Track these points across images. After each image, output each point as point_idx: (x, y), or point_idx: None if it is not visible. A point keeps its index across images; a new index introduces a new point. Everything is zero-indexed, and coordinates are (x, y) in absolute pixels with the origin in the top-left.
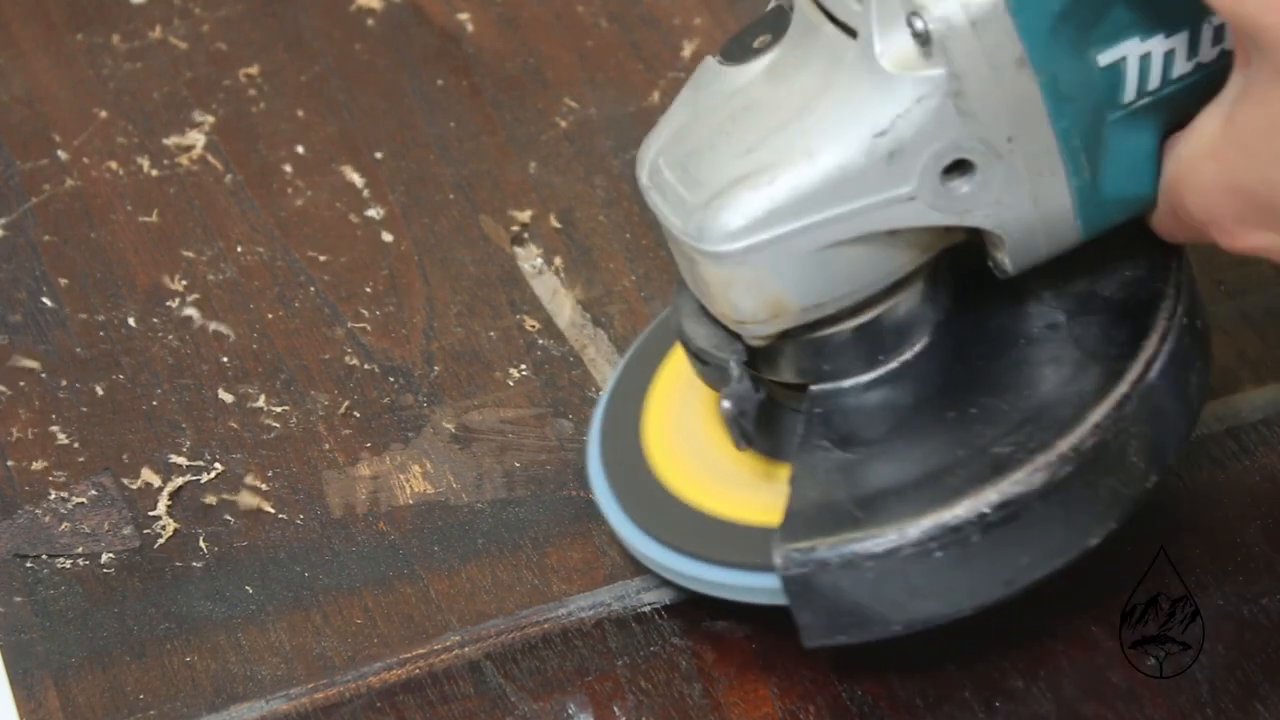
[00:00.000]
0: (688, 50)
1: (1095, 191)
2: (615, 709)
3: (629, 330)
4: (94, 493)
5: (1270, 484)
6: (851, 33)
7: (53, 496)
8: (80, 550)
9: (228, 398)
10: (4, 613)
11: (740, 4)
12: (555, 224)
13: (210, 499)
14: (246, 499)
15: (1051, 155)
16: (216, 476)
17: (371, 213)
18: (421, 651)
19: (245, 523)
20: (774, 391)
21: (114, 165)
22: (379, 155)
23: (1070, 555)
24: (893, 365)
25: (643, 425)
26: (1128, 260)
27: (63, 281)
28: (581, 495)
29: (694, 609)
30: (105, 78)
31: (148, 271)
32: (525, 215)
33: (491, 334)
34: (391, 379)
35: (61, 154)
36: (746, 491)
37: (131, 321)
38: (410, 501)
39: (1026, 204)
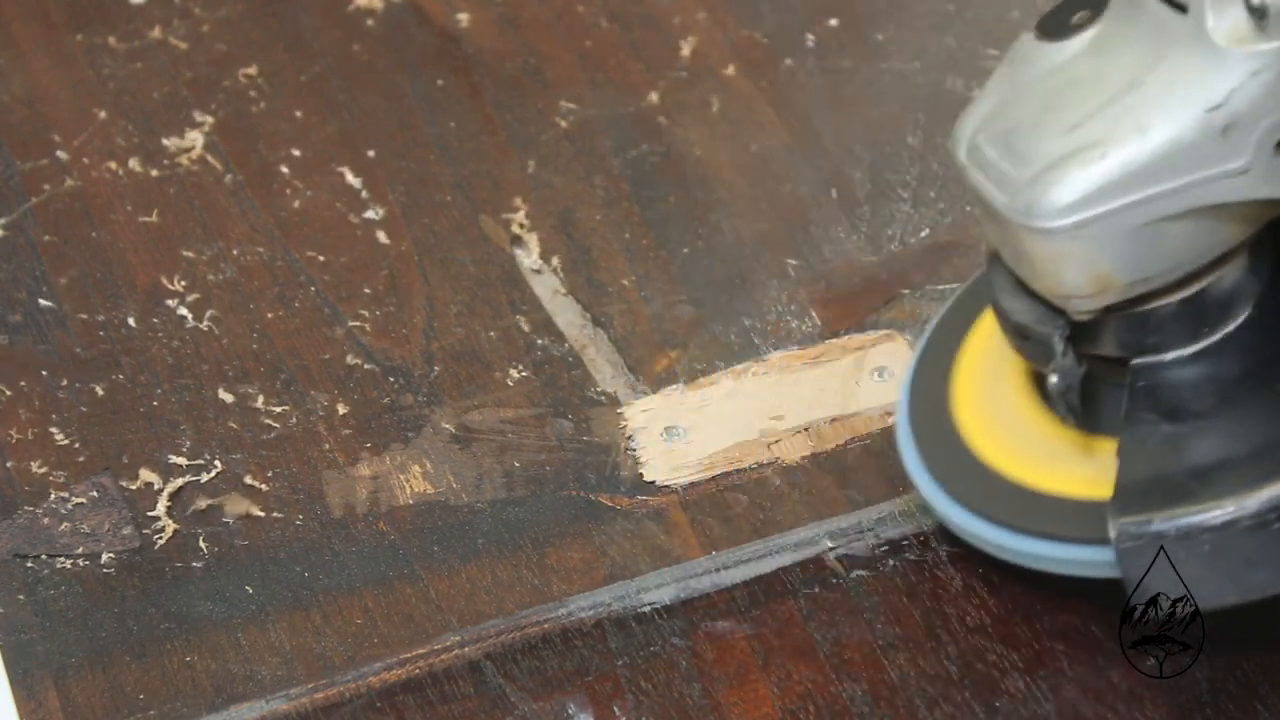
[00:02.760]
0: (687, 50)
1: None
2: (615, 709)
3: (629, 330)
4: (94, 493)
5: None
6: (1180, 8)
7: (53, 497)
8: (80, 550)
9: (228, 398)
10: (4, 613)
11: (739, 3)
12: (555, 224)
13: (210, 499)
14: (246, 499)
15: None
16: (216, 476)
17: (371, 213)
18: (421, 651)
19: (245, 523)
20: (1093, 367)
21: (114, 165)
22: (379, 155)
23: None
24: (1217, 337)
25: (952, 400)
26: None
27: (63, 281)
28: (582, 495)
29: (694, 609)
30: (105, 78)
31: (148, 271)
32: (525, 215)
33: (491, 334)
34: (391, 379)
35: (61, 154)
36: (1067, 465)
37: (131, 321)
38: (410, 501)
39: None
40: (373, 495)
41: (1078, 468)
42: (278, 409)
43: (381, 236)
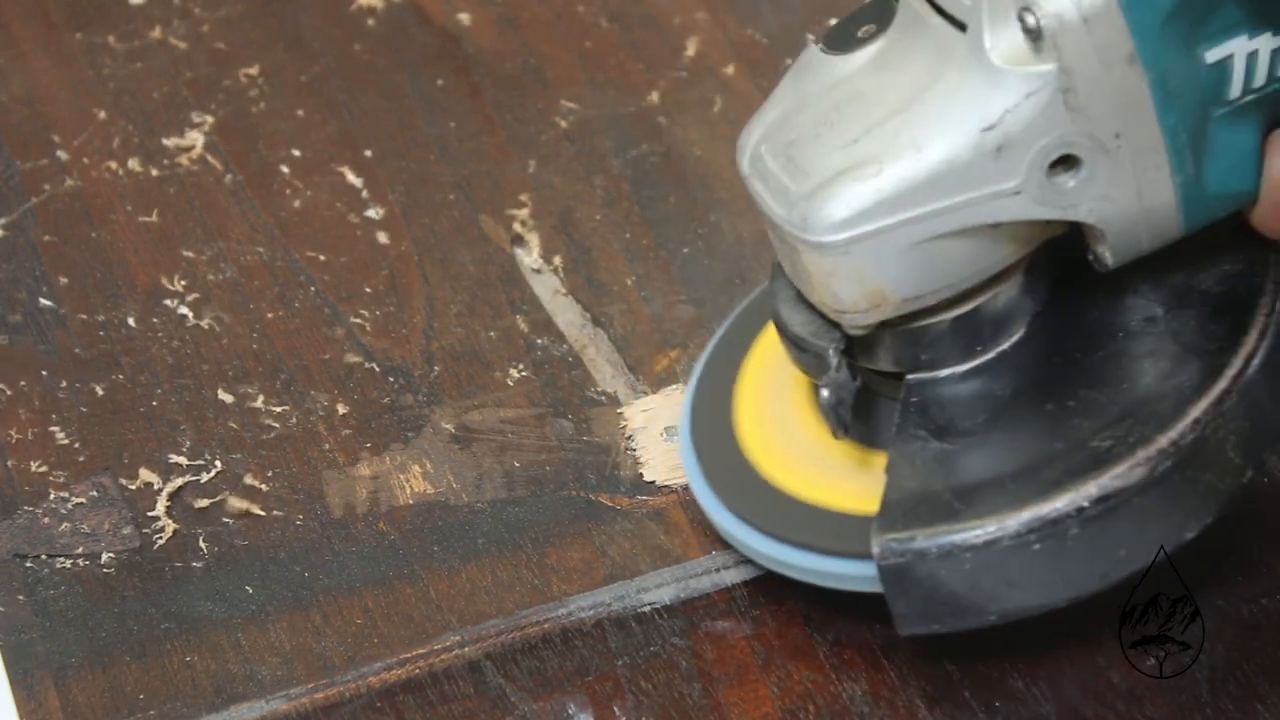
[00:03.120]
0: (688, 50)
1: (1198, 187)
2: (615, 709)
3: (629, 330)
4: (94, 493)
5: (1271, 484)
6: (960, 26)
7: (53, 496)
8: (80, 550)
9: (227, 398)
10: (4, 613)
11: (740, 3)
12: (555, 224)
13: (210, 499)
14: (246, 499)
15: (1158, 151)
16: (216, 476)
17: (371, 213)
18: (421, 651)
19: (245, 523)
20: (870, 380)
21: (114, 165)
22: (379, 155)
23: (1171, 546)
24: (990, 356)
25: (735, 410)
26: (1226, 255)
27: (63, 281)
28: (582, 495)
29: (694, 609)
30: (105, 78)
31: (148, 271)
32: (525, 215)
33: (491, 334)
34: (391, 379)
35: (61, 154)
36: (840, 478)
37: (131, 321)
38: (410, 501)
39: (1131, 199)
40: (373, 495)
41: (852, 482)
42: (278, 409)
43: (381, 236)
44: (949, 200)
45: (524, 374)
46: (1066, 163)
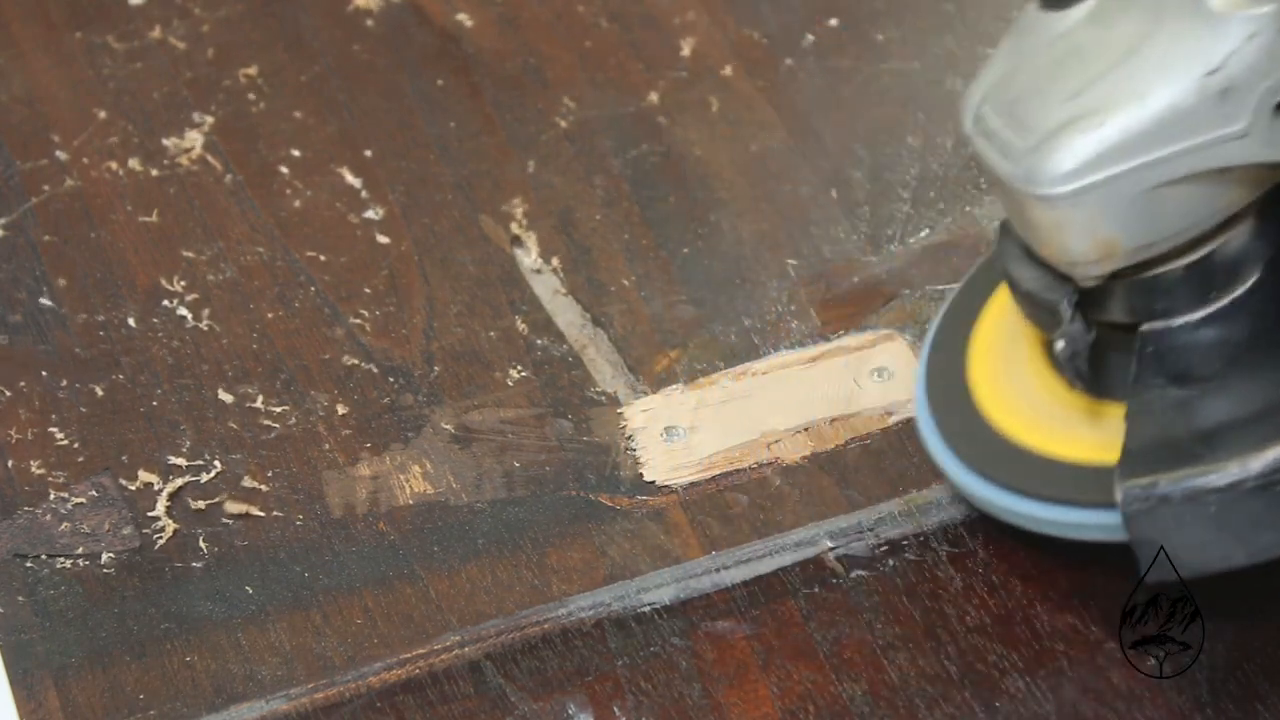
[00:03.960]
0: (687, 50)
1: None
2: (615, 709)
3: (629, 330)
4: (94, 493)
5: None
6: None
7: (52, 497)
8: (80, 550)
9: (227, 398)
10: (4, 613)
11: (740, 3)
12: (555, 224)
13: (210, 499)
14: (246, 499)
15: None
16: (216, 476)
17: (371, 213)
18: (421, 651)
19: (245, 523)
20: (1102, 333)
21: (114, 165)
22: (379, 155)
23: None
24: (1224, 302)
25: (968, 366)
26: None
27: (63, 281)
28: (582, 495)
29: (694, 609)
30: (105, 78)
31: (148, 271)
32: (525, 215)
33: (491, 334)
34: (391, 379)
35: (61, 154)
36: (1078, 431)
37: (131, 321)
38: (410, 501)
39: None
40: (373, 495)
41: (1088, 433)
42: (278, 409)
43: (381, 236)
44: (1175, 147)
45: (524, 374)
46: None
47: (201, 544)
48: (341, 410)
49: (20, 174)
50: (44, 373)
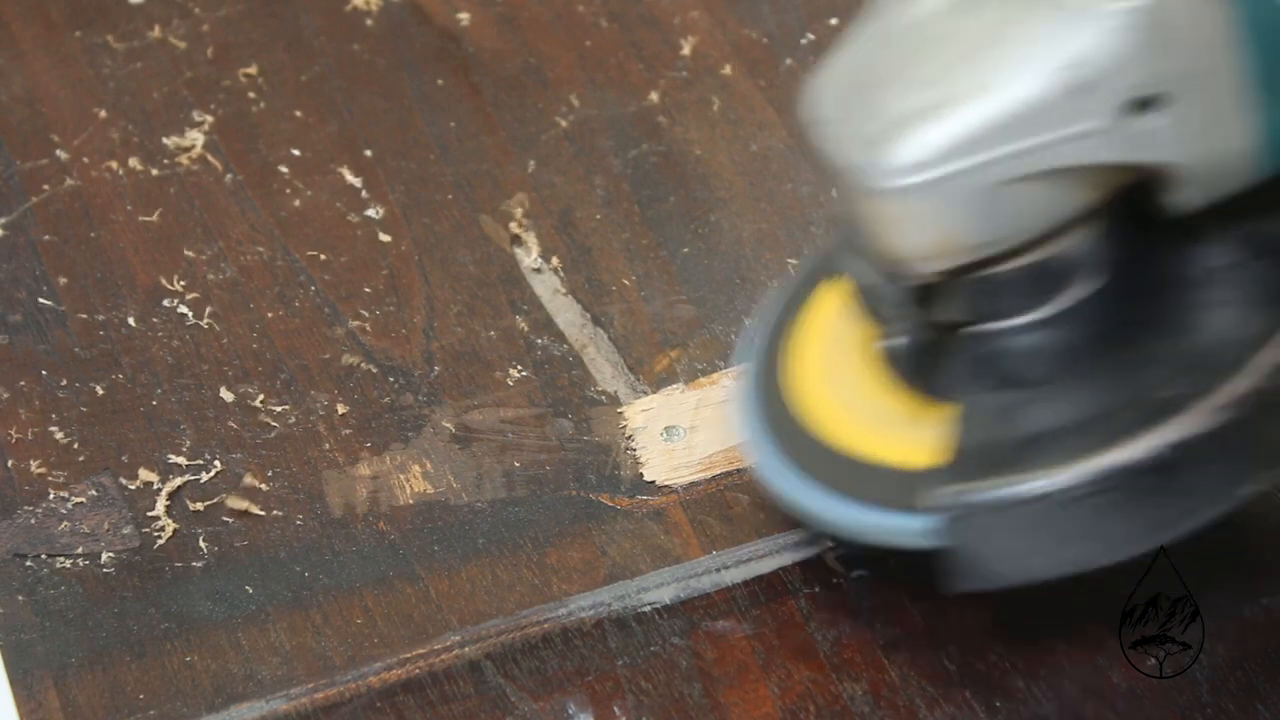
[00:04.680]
0: (687, 49)
1: (1276, 126)
2: (615, 709)
3: (629, 330)
4: (94, 493)
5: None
6: None
7: (52, 496)
8: (80, 550)
9: (228, 397)
10: (4, 613)
11: (740, 3)
12: (555, 224)
13: (210, 499)
14: (246, 499)
15: (1240, 90)
16: (216, 476)
17: (371, 212)
18: (421, 651)
19: (245, 522)
20: (937, 331)
21: (114, 165)
22: (379, 155)
23: (1230, 503)
24: (1059, 306)
25: (789, 366)
26: None
27: (63, 281)
28: (582, 495)
29: (694, 609)
30: (105, 78)
31: (148, 271)
32: (525, 215)
33: (491, 334)
34: (391, 379)
35: (61, 154)
36: (908, 433)
37: (131, 321)
38: (410, 501)
39: (1211, 140)
40: (373, 495)
41: (913, 435)
42: (278, 409)
43: (381, 236)
44: (1025, 142)
45: (524, 374)
46: (1146, 104)
47: (201, 544)
48: (341, 410)
49: (20, 174)
50: (44, 372)
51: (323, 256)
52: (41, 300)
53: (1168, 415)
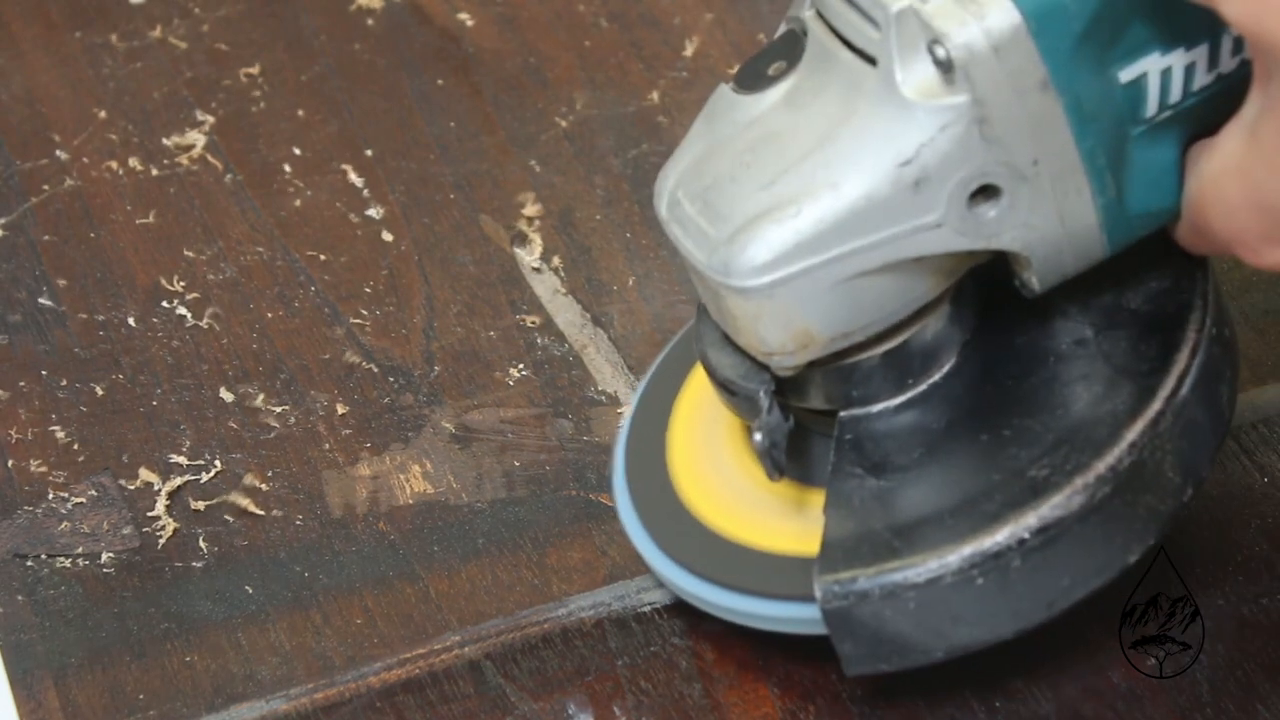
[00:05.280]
0: (689, 49)
1: (1120, 207)
2: (615, 709)
3: (629, 330)
4: (94, 493)
5: (1271, 484)
6: (870, 60)
7: (52, 496)
8: (80, 550)
9: (228, 397)
10: (4, 613)
11: (740, 3)
12: (555, 224)
13: (210, 499)
14: (246, 499)
15: (1077, 175)
16: (216, 476)
17: (371, 212)
18: (421, 651)
19: (245, 522)
20: (803, 417)
21: (114, 165)
22: (379, 154)
23: (1110, 574)
24: (922, 388)
25: (669, 450)
26: (1153, 272)
27: (63, 281)
28: (582, 495)
29: (694, 609)
30: (105, 77)
31: (148, 271)
32: (525, 215)
33: (491, 334)
34: (391, 379)
35: (61, 154)
36: (781, 520)
37: (131, 321)
38: (410, 501)
39: (1053, 224)
40: (373, 495)
41: (792, 523)
42: (278, 409)
43: (382, 236)
44: (870, 237)
45: (524, 374)
46: (986, 192)
47: (201, 544)
48: (341, 410)
49: (20, 174)
50: (44, 372)
51: (323, 256)
52: (41, 300)
53: (1042, 494)
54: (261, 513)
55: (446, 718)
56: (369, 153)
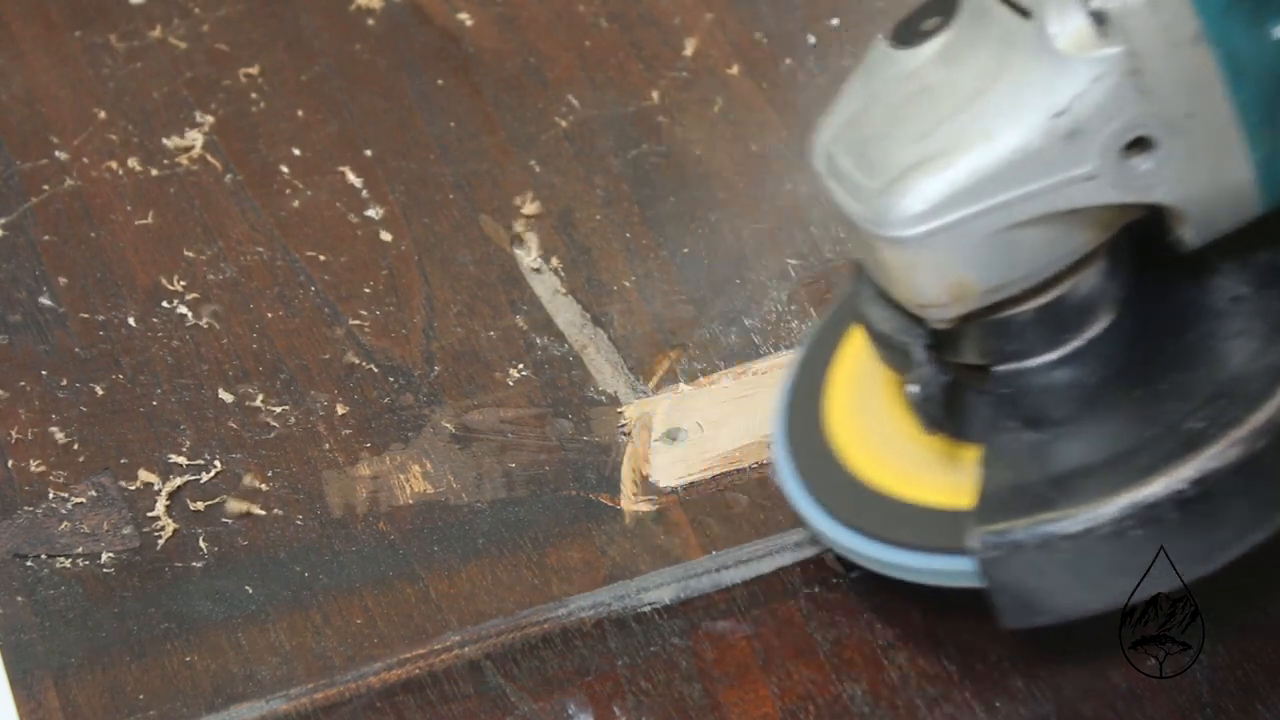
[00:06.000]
0: (688, 50)
1: (1275, 163)
2: (615, 709)
3: (629, 330)
4: (94, 493)
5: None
6: (1024, 13)
7: (52, 496)
8: (80, 550)
9: (227, 397)
10: (4, 613)
11: (740, 3)
12: (555, 224)
13: (210, 499)
14: (246, 499)
15: (1231, 129)
16: (216, 476)
17: (371, 212)
18: (421, 651)
19: (245, 523)
20: (959, 373)
21: (114, 165)
22: (379, 155)
23: (1266, 530)
24: (1078, 344)
25: (826, 407)
26: None
27: (63, 281)
28: (582, 495)
29: (694, 609)
30: (105, 78)
31: (148, 271)
32: (525, 215)
33: (491, 334)
34: (391, 379)
35: (61, 154)
36: (936, 474)
37: (131, 321)
38: (410, 501)
39: (1207, 178)
40: (373, 495)
41: (946, 477)
42: (278, 409)
43: (381, 236)
44: (1024, 189)
45: (524, 374)
46: (1140, 145)
47: (201, 544)
48: (341, 410)
49: (20, 174)
50: (44, 372)
51: (323, 256)
52: (41, 300)
53: (1198, 447)
54: (261, 513)
55: (446, 718)
56: (369, 153)
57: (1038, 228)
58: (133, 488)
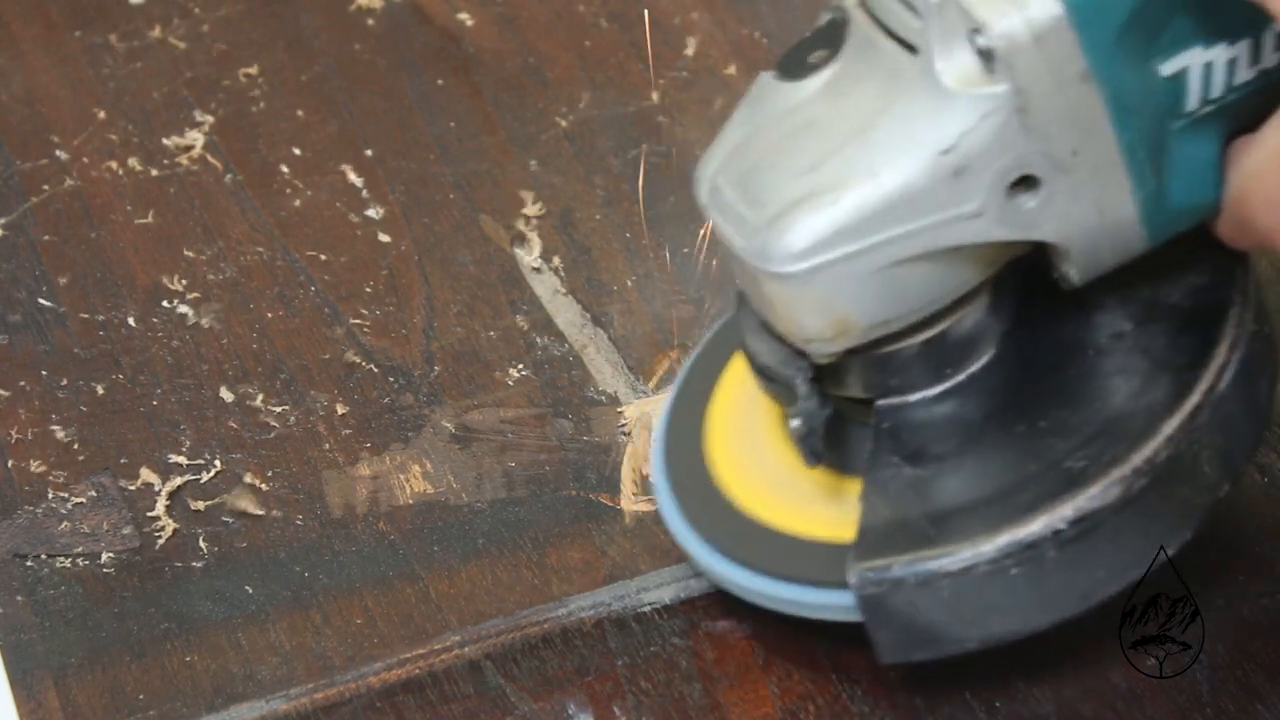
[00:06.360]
0: (688, 50)
1: (1160, 200)
2: (615, 709)
3: (629, 330)
4: (94, 493)
5: (1271, 484)
6: (911, 49)
7: (52, 496)
8: (80, 550)
9: (228, 397)
10: (4, 613)
11: (740, 3)
12: (555, 224)
13: (210, 499)
14: (246, 499)
15: (1116, 167)
16: (216, 476)
17: (371, 212)
18: (421, 651)
19: (245, 522)
20: (841, 406)
21: (114, 165)
22: (379, 155)
23: (1145, 568)
24: (960, 378)
25: (706, 439)
26: (1193, 267)
27: (63, 281)
28: (582, 495)
29: (694, 609)
30: (105, 77)
31: (148, 271)
32: (525, 215)
33: (491, 334)
34: (391, 379)
35: (61, 154)
36: (818, 508)
37: (131, 321)
38: (410, 501)
39: (1092, 216)
40: (373, 495)
41: (829, 510)
42: (278, 409)
43: (381, 236)
44: (909, 225)
45: (524, 374)
46: (1026, 183)
47: (201, 544)
48: (341, 410)
49: (20, 174)
50: (44, 372)
51: (323, 256)
52: (41, 300)
53: (1078, 485)
54: (261, 513)
55: (446, 718)
56: (369, 153)
57: (922, 264)
58: (133, 488)
